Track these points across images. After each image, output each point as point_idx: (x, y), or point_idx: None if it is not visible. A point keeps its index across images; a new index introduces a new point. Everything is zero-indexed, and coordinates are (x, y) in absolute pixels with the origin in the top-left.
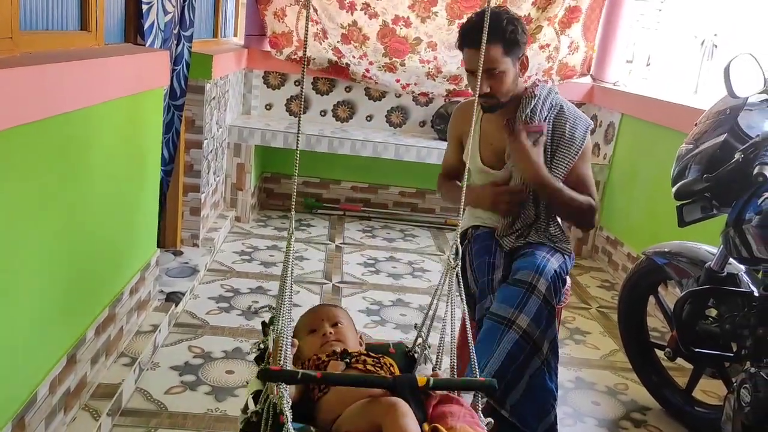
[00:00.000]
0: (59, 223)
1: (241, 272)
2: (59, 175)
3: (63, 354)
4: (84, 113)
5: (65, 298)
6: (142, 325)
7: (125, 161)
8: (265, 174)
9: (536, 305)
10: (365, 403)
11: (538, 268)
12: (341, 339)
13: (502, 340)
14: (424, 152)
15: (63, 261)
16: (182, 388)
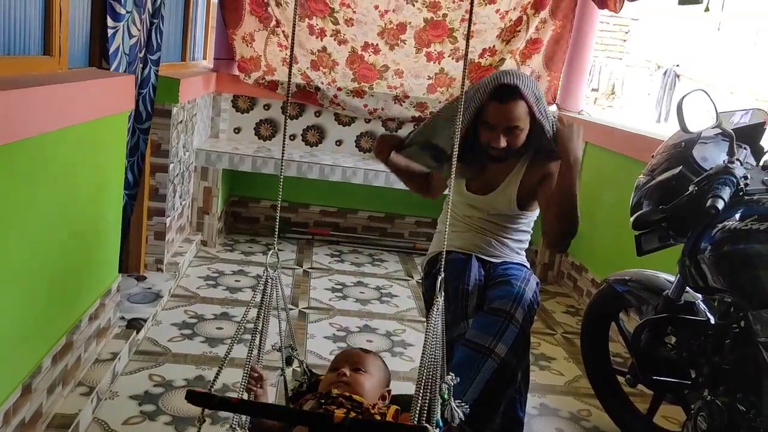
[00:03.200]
0: (16, 248)
1: (206, 297)
2: (17, 201)
3: (18, 383)
4: (46, 138)
5: (21, 326)
6: (101, 353)
7: (87, 186)
8: (232, 197)
9: (513, 334)
10: None
11: (515, 297)
12: (353, 383)
13: (481, 368)
14: (393, 177)
15: (19, 288)
16: (141, 418)
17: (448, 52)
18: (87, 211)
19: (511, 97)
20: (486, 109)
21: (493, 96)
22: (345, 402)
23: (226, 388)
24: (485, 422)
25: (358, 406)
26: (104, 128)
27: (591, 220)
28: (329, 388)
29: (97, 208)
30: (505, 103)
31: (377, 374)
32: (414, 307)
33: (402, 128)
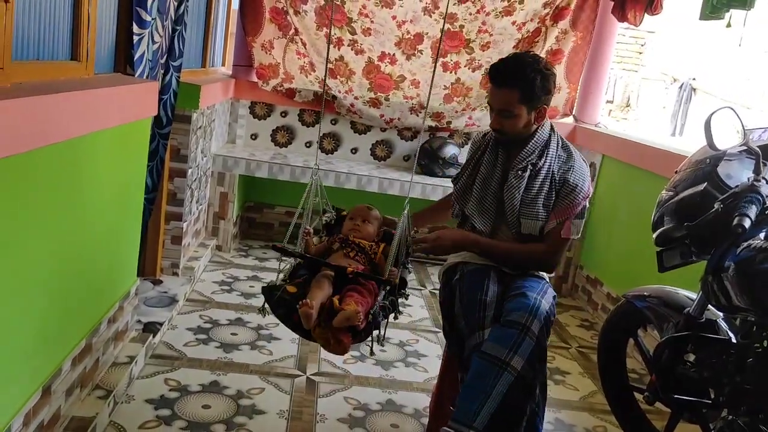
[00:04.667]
0: (41, 251)
1: (220, 303)
2: (43, 205)
3: (38, 386)
4: (73, 143)
5: (43, 328)
6: (119, 356)
7: (110, 190)
8: (248, 203)
9: (530, 347)
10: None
11: (531, 309)
12: (362, 231)
13: (498, 382)
14: (407, 186)
15: (40, 290)
16: (157, 422)
17: (464, 62)
18: (109, 215)
19: (502, 83)
20: (488, 91)
21: (491, 79)
22: (354, 247)
23: None
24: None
25: (362, 249)
26: (128, 133)
27: (607, 233)
28: (349, 233)
29: (119, 211)
30: (498, 87)
31: (375, 223)
32: (427, 317)
33: (417, 137)
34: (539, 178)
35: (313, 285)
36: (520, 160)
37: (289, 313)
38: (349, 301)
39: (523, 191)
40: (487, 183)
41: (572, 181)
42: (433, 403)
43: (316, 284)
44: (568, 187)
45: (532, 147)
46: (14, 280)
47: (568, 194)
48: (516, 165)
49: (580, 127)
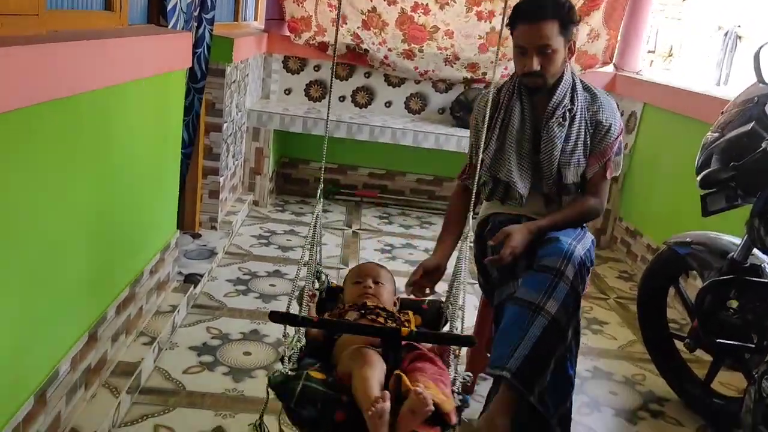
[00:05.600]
0: (83, 199)
1: (258, 256)
2: (84, 152)
3: (84, 331)
4: (109, 92)
5: (88, 275)
6: (161, 305)
7: (147, 142)
8: (283, 159)
9: (564, 291)
10: (350, 351)
11: (565, 254)
12: (376, 295)
13: (532, 325)
14: (442, 139)
15: (86, 237)
16: (200, 368)
17: (499, 11)
18: (148, 167)
19: (539, 16)
20: (516, 33)
21: (522, 17)
22: (381, 312)
23: None
24: (535, 379)
25: (392, 315)
26: (163, 85)
27: (647, 184)
28: (358, 300)
29: (158, 163)
30: (533, 22)
31: (390, 285)
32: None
33: (452, 89)
34: (575, 124)
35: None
36: (554, 107)
37: (327, 412)
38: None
39: (563, 140)
40: (520, 141)
41: (604, 120)
42: (470, 352)
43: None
44: (602, 128)
45: (562, 91)
46: (59, 225)
47: (604, 135)
48: (551, 113)
49: (621, 76)
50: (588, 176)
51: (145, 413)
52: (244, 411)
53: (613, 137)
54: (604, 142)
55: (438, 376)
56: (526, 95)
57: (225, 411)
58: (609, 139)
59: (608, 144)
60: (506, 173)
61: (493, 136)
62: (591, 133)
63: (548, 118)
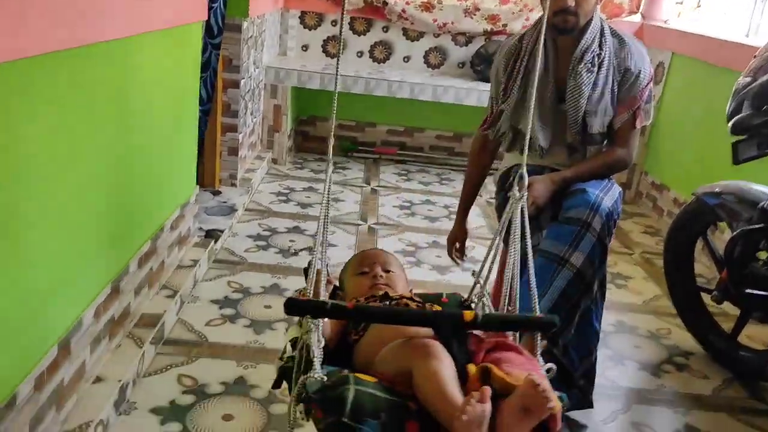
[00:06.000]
0: (102, 151)
1: (278, 212)
2: (101, 103)
3: (107, 283)
4: (124, 43)
5: (108, 228)
6: (183, 259)
7: (165, 96)
8: (301, 117)
9: (590, 243)
10: (397, 345)
11: (592, 206)
12: (391, 285)
13: (556, 277)
14: (462, 93)
15: (106, 189)
16: (222, 320)
17: None
18: (166, 121)
19: None
20: None
21: None
22: (410, 302)
23: None
24: (559, 332)
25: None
26: (180, 38)
27: (675, 136)
28: (369, 292)
29: (176, 118)
30: None
31: (402, 272)
32: (483, 225)
33: (472, 42)
34: (603, 70)
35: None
36: (582, 51)
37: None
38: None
39: (590, 87)
40: (542, 89)
41: (633, 67)
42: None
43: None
44: (630, 75)
45: (591, 35)
46: (79, 176)
47: (633, 82)
48: (579, 58)
49: (648, 25)
50: (616, 126)
51: (168, 363)
52: (265, 362)
53: (643, 84)
54: (633, 89)
55: (529, 365)
56: (551, 42)
57: (247, 362)
58: (638, 87)
59: (637, 91)
60: (527, 123)
61: (514, 84)
62: (619, 81)
63: (576, 63)
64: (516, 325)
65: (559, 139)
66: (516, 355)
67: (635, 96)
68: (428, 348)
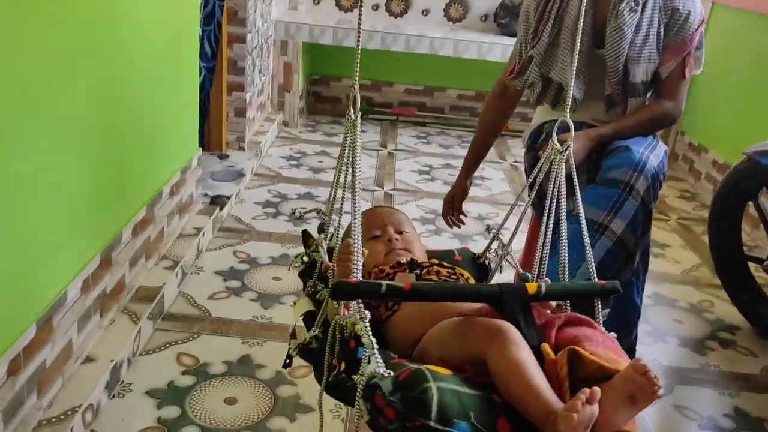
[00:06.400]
0: (89, 105)
1: (288, 177)
2: (86, 49)
3: (96, 253)
4: None
5: (96, 192)
6: (185, 228)
7: (161, 47)
8: (313, 76)
9: (633, 208)
10: (459, 326)
11: (636, 166)
12: (408, 248)
13: (594, 246)
14: (485, 49)
15: (94, 150)
16: (227, 293)
17: None
18: (163, 79)
19: None
20: None
21: None
22: (441, 269)
23: None
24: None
25: (453, 271)
26: None
27: (715, 94)
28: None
29: (174, 72)
30: None
31: (414, 230)
32: (508, 190)
33: None
34: (647, 10)
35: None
36: None
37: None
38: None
39: (633, 29)
40: (576, 33)
41: (681, 7)
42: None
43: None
44: (679, 16)
45: None
46: (60, 131)
47: (682, 25)
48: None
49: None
50: (662, 75)
51: (167, 341)
52: (272, 339)
53: (693, 28)
54: (681, 33)
55: (611, 342)
56: None
57: (253, 339)
58: (687, 30)
59: (687, 36)
60: (559, 72)
61: (545, 27)
62: (666, 23)
63: (618, 1)
64: (578, 294)
65: (596, 91)
66: (592, 331)
67: (684, 41)
68: (504, 333)
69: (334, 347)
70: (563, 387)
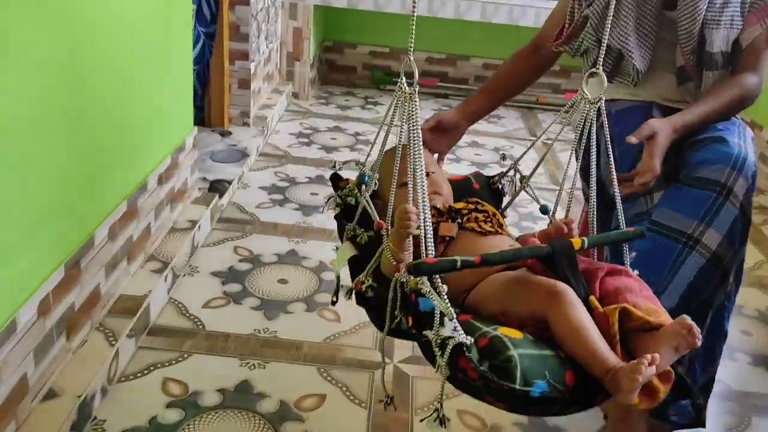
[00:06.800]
0: (49, 86)
1: (297, 158)
2: (50, 21)
3: (59, 264)
4: None
5: (59, 191)
6: (178, 220)
7: (147, 9)
8: (326, 42)
9: (731, 217)
10: (518, 286)
11: (735, 163)
12: (438, 191)
13: (683, 265)
14: (517, 13)
15: (56, 131)
16: (225, 300)
17: None
18: (148, 48)
19: None
20: None
21: None
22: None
23: None
24: None
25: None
26: None
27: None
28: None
29: (162, 43)
30: None
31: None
32: (542, 172)
33: None
34: None
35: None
36: None
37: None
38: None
39: None
40: None
41: None
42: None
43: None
44: None
45: None
46: (8, 110)
47: None
48: None
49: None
50: (744, 42)
51: (152, 362)
52: (277, 359)
53: None
54: None
55: (646, 291)
56: None
57: (253, 358)
58: None
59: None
60: (620, 37)
61: None
62: None
63: None
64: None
65: (664, 61)
66: (629, 280)
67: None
68: (563, 295)
69: (396, 300)
70: (614, 340)
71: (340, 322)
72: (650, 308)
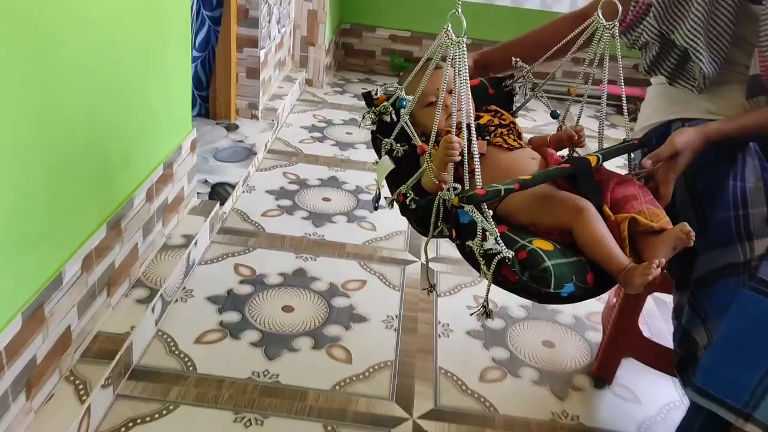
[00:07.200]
0: (9, 73)
1: (310, 156)
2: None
3: (17, 311)
4: None
5: (17, 227)
6: (171, 236)
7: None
8: (343, 25)
9: None
10: (545, 200)
11: None
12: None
13: None
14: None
15: (20, 151)
16: (220, 333)
17: None
18: (136, 39)
19: None
20: None
21: None
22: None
23: None
24: None
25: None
26: None
27: None
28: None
29: (152, 33)
30: None
31: None
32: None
33: None
34: None
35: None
36: None
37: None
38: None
39: None
40: None
41: None
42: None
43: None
44: None
45: None
46: None
47: None
48: None
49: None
50: None
51: (131, 417)
52: (273, 412)
53: None
54: None
55: (648, 196)
56: None
57: (246, 410)
58: None
59: None
60: (686, 34)
61: None
62: None
63: None
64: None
65: (737, 66)
66: (635, 187)
67: None
68: (587, 211)
69: (438, 213)
70: (624, 243)
71: (351, 363)
72: (653, 211)
